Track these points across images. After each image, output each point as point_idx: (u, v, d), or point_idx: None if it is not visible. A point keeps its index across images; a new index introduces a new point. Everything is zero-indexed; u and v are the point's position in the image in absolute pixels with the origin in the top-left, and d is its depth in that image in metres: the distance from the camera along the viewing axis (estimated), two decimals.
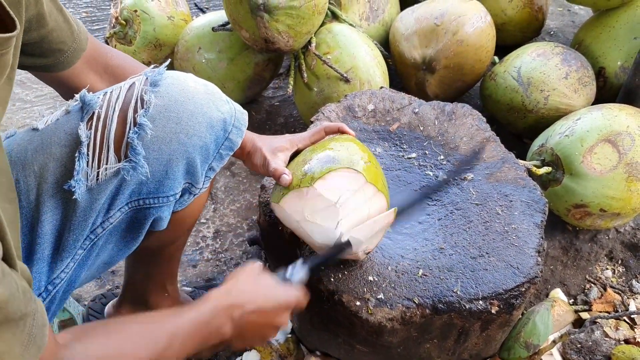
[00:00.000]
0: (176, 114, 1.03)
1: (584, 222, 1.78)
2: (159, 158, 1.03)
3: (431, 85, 2.15)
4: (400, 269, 1.31)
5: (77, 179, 0.98)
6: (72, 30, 1.09)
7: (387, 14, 2.35)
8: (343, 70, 1.97)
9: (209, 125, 1.06)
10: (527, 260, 1.32)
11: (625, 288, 1.85)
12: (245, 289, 1.03)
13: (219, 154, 1.11)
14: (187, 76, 1.09)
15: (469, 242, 1.36)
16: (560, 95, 1.96)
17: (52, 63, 1.08)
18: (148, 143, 1.01)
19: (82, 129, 1.00)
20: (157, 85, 1.03)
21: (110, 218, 1.06)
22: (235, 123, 1.11)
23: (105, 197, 1.03)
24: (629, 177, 1.68)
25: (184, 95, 1.05)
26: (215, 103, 1.08)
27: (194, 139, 1.05)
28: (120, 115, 1.01)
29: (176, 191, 1.09)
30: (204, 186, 1.14)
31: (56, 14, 1.03)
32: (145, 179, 1.03)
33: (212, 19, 2.19)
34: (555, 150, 1.76)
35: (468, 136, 1.62)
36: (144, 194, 1.07)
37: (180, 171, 1.06)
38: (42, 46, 1.04)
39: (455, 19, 2.06)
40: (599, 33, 2.20)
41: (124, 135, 1.00)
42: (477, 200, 1.45)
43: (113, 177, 1.02)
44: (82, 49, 1.12)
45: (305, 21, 1.87)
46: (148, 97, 1.01)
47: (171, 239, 1.27)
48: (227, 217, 1.99)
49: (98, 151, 1.00)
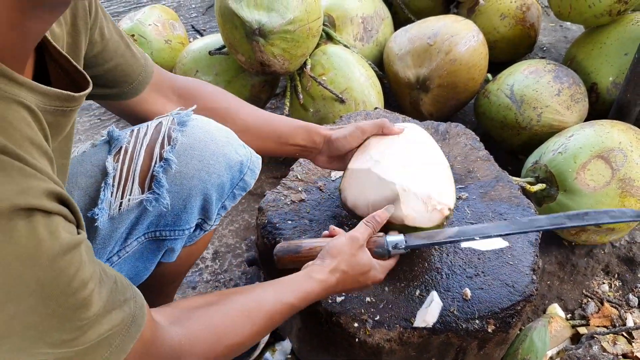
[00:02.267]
0: (199, 152, 1.08)
1: (579, 237, 1.80)
2: (180, 192, 1.08)
3: (425, 104, 2.18)
4: (397, 289, 1.32)
5: (101, 208, 1.02)
6: (139, 64, 1.12)
7: (381, 34, 2.38)
8: (338, 91, 2.00)
9: (228, 166, 1.12)
10: (523, 279, 1.33)
11: (622, 302, 1.86)
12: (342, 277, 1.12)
13: (232, 193, 1.17)
14: (210, 120, 1.14)
15: (465, 262, 1.38)
16: (553, 112, 1.99)
17: (117, 93, 1.12)
18: (171, 177, 1.06)
19: (110, 162, 1.05)
20: (184, 125, 1.09)
21: (127, 247, 1.10)
22: (250, 166, 1.17)
23: (125, 226, 1.07)
24: (622, 192, 1.70)
25: (207, 137, 1.10)
26: (234, 146, 1.14)
27: (213, 177, 1.10)
28: (148, 150, 1.06)
29: (191, 225, 1.14)
30: (215, 223, 1.19)
31: (123, 48, 1.08)
32: (165, 211, 1.08)
33: (209, 42, 2.22)
34: (549, 167, 1.78)
35: (462, 155, 1.64)
36: (162, 225, 1.11)
37: (197, 206, 1.11)
38: (107, 78, 1.08)
39: (447, 39, 2.10)
40: (591, 49, 2.23)
41: (149, 169, 1.05)
42: (472, 219, 1.47)
43: (135, 208, 1.06)
44: (147, 81, 1.16)
45: (300, 44, 1.90)
46: (175, 135, 1.07)
47: (175, 275, 1.31)
48: (225, 237, 2.01)
49: (123, 183, 1.04)
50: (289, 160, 2.27)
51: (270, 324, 1.01)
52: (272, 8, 1.81)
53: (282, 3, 1.82)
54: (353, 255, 1.14)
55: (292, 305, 1.04)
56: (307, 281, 1.08)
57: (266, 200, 1.52)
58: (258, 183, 2.19)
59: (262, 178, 2.22)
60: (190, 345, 0.88)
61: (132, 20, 2.35)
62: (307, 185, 1.57)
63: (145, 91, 1.16)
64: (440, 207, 1.26)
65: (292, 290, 1.05)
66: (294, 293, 1.04)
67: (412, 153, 1.34)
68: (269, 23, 1.80)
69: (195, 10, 3.30)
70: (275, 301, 1.01)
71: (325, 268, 1.11)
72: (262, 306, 1.00)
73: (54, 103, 0.73)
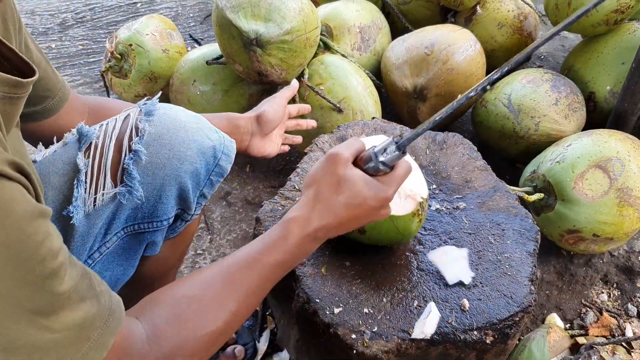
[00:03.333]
0: (169, 140, 1.08)
1: (577, 247, 1.80)
2: (153, 183, 1.07)
3: (423, 113, 2.18)
4: (395, 300, 1.32)
5: (76, 205, 1.02)
6: (58, 79, 1.14)
7: (379, 44, 2.39)
8: (336, 100, 2.00)
9: (200, 152, 1.11)
10: (521, 290, 1.33)
11: (621, 311, 1.85)
12: (328, 207, 0.95)
13: (209, 180, 1.16)
14: (178, 108, 1.15)
15: None
16: (551, 122, 1.99)
17: (40, 110, 1.13)
18: (143, 168, 1.06)
19: (80, 158, 1.05)
20: (151, 115, 1.09)
21: (107, 242, 1.10)
22: (224, 150, 1.16)
23: (102, 221, 1.07)
24: (620, 202, 1.70)
25: (175, 124, 1.10)
26: (205, 132, 1.13)
27: (185, 164, 1.09)
28: (117, 143, 1.06)
29: (169, 216, 1.14)
30: (196, 212, 1.19)
31: (45, 64, 1.09)
32: (140, 203, 1.08)
33: (206, 52, 2.22)
34: (546, 177, 1.78)
35: (459, 165, 1.64)
36: (139, 218, 1.11)
37: (172, 196, 1.11)
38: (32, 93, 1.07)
39: (445, 48, 2.10)
40: (588, 58, 2.24)
41: (120, 162, 1.05)
42: (469, 230, 1.47)
43: (110, 202, 1.06)
44: (66, 97, 1.17)
45: (297, 54, 1.90)
46: (142, 126, 1.07)
47: (164, 268, 1.30)
48: (223, 247, 2.00)
49: (95, 178, 1.05)
50: (286, 170, 2.27)
51: (251, 297, 0.91)
52: (270, 18, 1.82)
53: (280, 13, 1.82)
54: (333, 173, 0.95)
55: (268, 264, 0.91)
56: (280, 228, 0.94)
57: (264, 211, 1.52)
58: (256, 192, 2.19)
59: (259, 187, 2.22)
60: (157, 345, 0.81)
61: (130, 30, 2.35)
62: None
63: (64, 109, 1.17)
64: (412, 194, 1.28)
65: (265, 245, 0.93)
66: (267, 248, 0.92)
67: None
68: (267, 33, 1.80)
69: (193, 19, 3.31)
70: (248, 267, 0.90)
71: (301, 201, 0.96)
72: (234, 279, 0.89)
73: (2, 89, 0.73)
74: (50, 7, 3.39)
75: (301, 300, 1.31)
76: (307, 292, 1.31)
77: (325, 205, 0.94)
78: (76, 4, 3.41)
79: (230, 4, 1.84)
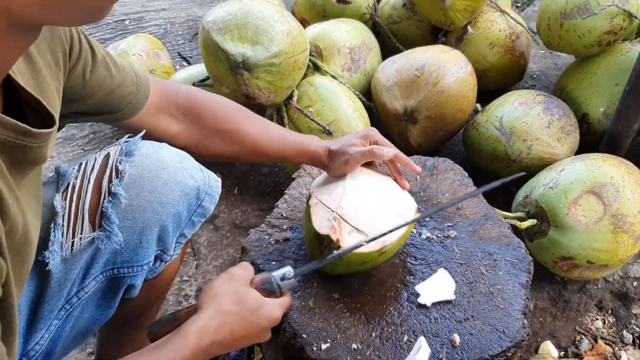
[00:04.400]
0: (150, 182, 1.04)
1: (571, 274, 1.76)
2: (134, 227, 1.03)
3: (413, 135, 2.15)
4: (384, 335, 1.27)
5: (52, 250, 0.98)
6: (127, 91, 1.08)
7: (369, 64, 2.36)
8: (325, 122, 1.97)
9: (183, 193, 1.07)
10: (513, 324, 1.29)
11: (616, 339, 1.81)
12: (226, 322, 0.95)
13: (191, 220, 1.13)
14: (161, 146, 1.10)
15: (454, 305, 1.33)
16: (544, 145, 1.95)
17: (116, 117, 1.09)
18: (122, 212, 1.02)
19: (58, 200, 1.01)
20: (131, 155, 1.04)
21: (85, 287, 1.06)
22: (208, 191, 1.13)
23: (80, 266, 1.03)
24: (614, 228, 1.66)
25: (157, 165, 1.05)
26: (189, 171, 1.09)
27: (167, 207, 1.05)
28: (95, 185, 1.02)
29: (149, 259, 1.09)
30: (175, 253, 1.15)
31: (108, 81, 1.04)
32: (120, 248, 1.03)
33: (193, 72, 2.19)
34: (539, 202, 1.75)
35: (450, 192, 1.60)
36: (119, 263, 1.07)
37: (153, 239, 1.07)
38: (92, 109, 1.05)
39: (435, 70, 2.07)
40: (581, 79, 2.21)
41: (99, 205, 1.01)
42: (461, 260, 1.43)
43: (87, 247, 1.02)
44: (145, 97, 1.12)
45: (285, 77, 1.87)
46: (123, 167, 1.03)
47: (142, 308, 1.26)
48: (210, 273, 1.96)
49: (73, 221, 1.00)
50: (275, 192, 2.23)
51: None
52: (257, 41, 1.78)
53: (267, 36, 1.79)
54: (235, 291, 0.97)
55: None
56: (179, 337, 0.89)
57: (249, 240, 1.48)
58: (244, 216, 2.15)
59: (248, 210, 2.18)
60: None
61: (116, 50, 2.32)
62: (292, 222, 1.52)
63: (146, 109, 1.12)
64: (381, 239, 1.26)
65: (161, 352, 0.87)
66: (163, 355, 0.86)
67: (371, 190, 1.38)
68: (254, 56, 1.77)
69: (182, 37, 3.28)
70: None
71: (203, 313, 0.93)
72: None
73: (6, 133, 0.70)
74: None
75: (287, 335, 1.27)
76: (293, 326, 1.26)
77: (225, 319, 0.94)
78: None
79: (216, 27, 1.81)
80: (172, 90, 1.19)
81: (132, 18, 3.44)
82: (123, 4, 3.61)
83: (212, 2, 3.76)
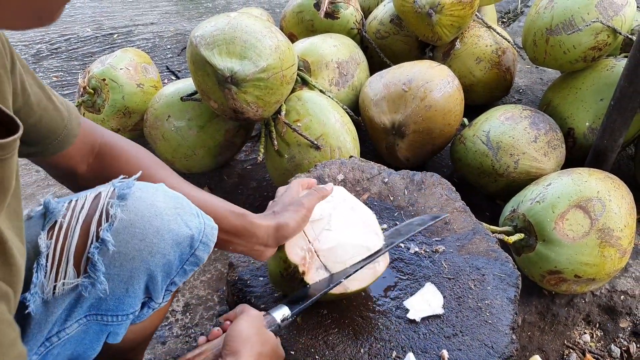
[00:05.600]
0: (141, 230, 0.98)
1: (559, 287, 1.77)
2: (120, 275, 0.98)
3: (401, 149, 2.15)
4: (373, 351, 1.27)
5: (33, 292, 0.93)
6: (62, 117, 1.04)
7: (357, 79, 2.37)
8: (313, 137, 1.96)
9: (175, 243, 1.02)
10: (502, 339, 1.28)
11: (604, 353, 1.82)
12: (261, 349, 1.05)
13: (182, 269, 1.06)
14: (157, 188, 1.04)
15: (442, 320, 1.33)
16: (530, 159, 1.97)
17: (41, 150, 1.04)
18: (110, 259, 0.96)
19: (43, 239, 0.96)
20: (124, 198, 0.99)
21: (66, 329, 1.00)
22: (203, 239, 1.06)
23: (62, 310, 0.97)
24: (601, 242, 1.67)
25: (151, 211, 1.00)
26: (183, 218, 1.03)
27: (157, 257, 1.00)
28: (83, 227, 0.97)
29: (135, 308, 1.04)
30: (164, 301, 1.09)
31: (45, 102, 1.00)
32: (105, 296, 0.98)
33: (181, 87, 2.18)
34: (527, 217, 1.75)
35: (438, 206, 1.60)
36: (103, 310, 1.01)
37: (140, 288, 1.01)
38: (30, 135, 0.99)
39: (422, 85, 2.08)
40: (567, 94, 2.23)
41: (85, 249, 0.96)
42: (449, 274, 1.43)
43: (71, 292, 0.97)
44: (73, 134, 1.07)
45: (273, 91, 1.87)
46: (114, 211, 0.97)
47: (129, 348, 1.21)
48: (197, 289, 1.94)
49: (57, 263, 0.95)
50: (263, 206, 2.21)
51: None
52: (245, 56, 1.78)
53: (255, 51, 1.79)
54: (260, 334, 1.07)
55: None
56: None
57: (237, 255, 1.47)
58: None
59: None
60: None
61: (104, 64, 2.31)
62: None
63: (72, 148, 1.08)
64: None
65: None
66: None
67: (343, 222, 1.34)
68: (242, 71, 1.77)
69: (170, 51, 3.27)
70: None
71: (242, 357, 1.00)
72: None
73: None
74: (25, 37, 3.34)
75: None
76: (282, 343, 1.25)
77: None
78: (51, 35, 3.36)
79: (204, 41, 1.80)
80: (93, 131, 1.15)
81: (120, 32, 3.43)
82: (111, 17, 3.60)
83: (200, 17, 3.76)
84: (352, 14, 2.60)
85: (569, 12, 2.08)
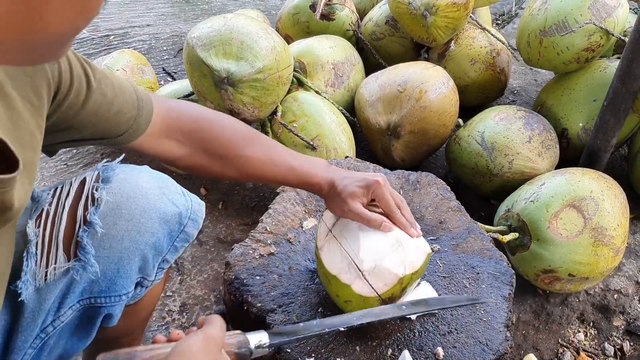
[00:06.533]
0: (128, 210, 1.00)
1: (553, 286, 1.78)
2: (110, 256, 1.00)
3: (397, 150, 2.17)
4: (368, 349, 1.28)
5: (25, 280, 0.94)
6: (127, 117, 1.02)
7: (352, 80, 2.38)
8: (309, 138, 1.98)
9: (163, 220, 1.04)
10: (496, 336, 1.30)
11: (598, 351, 1.83)
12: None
13: (173, 246, 1.09)
14: (141, 169, 1.07)
15: (438, 318, 1.34)
16: (525, 159, 1.98)
17: (115, 142, 1.04)
18: (99, 241, 0.98)
19: (31, 227, 0.97)
20: (108, 181, 1.01)
21: (61, 317, 1.01)
22: (191, 216, 1.09)
23: (55, 296, 0.99)
24: (595, 241, 1.69)
25: (136, 191, 1.02)
26: (169, 197, 1.06)
27: (146, 236, 1.02)
28: (70, 212, 0.99)
29: (129, 289, 1.05)
30: (157, 278, 1.11)
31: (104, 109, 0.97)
32: (96, 278, 1.00)
33: (178, 88, 2.20)
34: (521, 216, 1.77)
35: (433, 206, 1.62)
36: (96, 292, 1.03)
37: (133, 269, 1.03)
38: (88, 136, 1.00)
39: (418, 86, 2.09)
40: (560, 95, 2.25)
41: (74, 234, 0.97)
42: (444, 273, 1.44)
43: (62, 276, 0.98)
44: (147, 121, 1.06)
45: (270, 92, 1.88)
46: (99, 194, 0.99)
47: (126, 332, 1.23)
48: (194, 288, 1.95)
49: (47, 250, 0.97)
50: (260, 206, 2.23)
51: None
52: (241, 57, 1.80)
53: (252, 52, 1.81)
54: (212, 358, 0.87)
55: None
56: None
57: (234, 255, 1.48)
58: (228, 230, 2.15)
59: (232, 225, 2.17)
60: None
61: (100, 66, 2.32)
62: (276, 237, 1.53)
63: (145, 136, 1.06)
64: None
65: None
66: None
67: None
68: (238, 72, 1.78)
69: (166, 52, 3.28)
70: None
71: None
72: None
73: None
74: None
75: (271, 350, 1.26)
76: None
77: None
78: None
79: (201, 42, 1.82)
80: (176, 112, 1.13)
81: (116, 34, 3.44)
82: (107, 19, 3.61)
83: (196, 18, 3.77)
84: (348, 16, 2.62)
85: (562, 14, 2.10)
